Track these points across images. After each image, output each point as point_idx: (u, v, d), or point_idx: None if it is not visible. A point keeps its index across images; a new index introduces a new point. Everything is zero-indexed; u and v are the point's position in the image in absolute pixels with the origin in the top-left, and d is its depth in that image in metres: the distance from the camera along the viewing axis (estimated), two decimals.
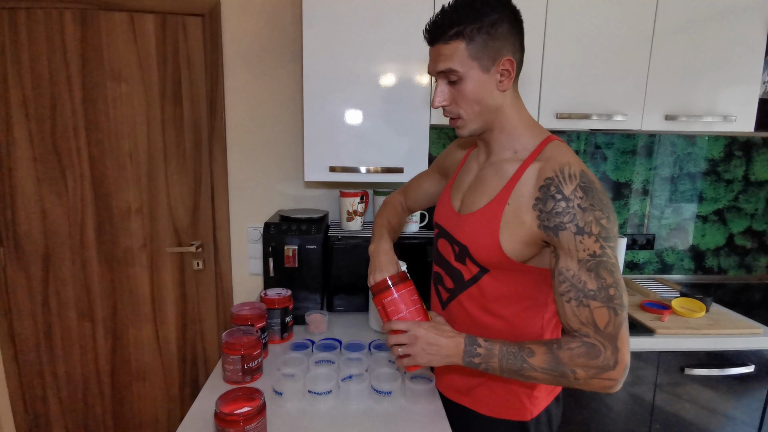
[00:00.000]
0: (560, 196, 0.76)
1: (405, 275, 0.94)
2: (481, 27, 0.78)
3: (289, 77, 1.72)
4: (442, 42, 0.81)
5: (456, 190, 0.98)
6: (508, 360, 0.78)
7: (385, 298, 0.91)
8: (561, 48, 1.46)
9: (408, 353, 0.85)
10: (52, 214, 1.73)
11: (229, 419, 0.84)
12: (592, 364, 0.74)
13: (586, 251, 0.74)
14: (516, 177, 0.83)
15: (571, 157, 0.80)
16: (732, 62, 1.51)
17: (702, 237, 1.98)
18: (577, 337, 0.76)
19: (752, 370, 1.46)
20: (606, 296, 0.74)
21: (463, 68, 0.80)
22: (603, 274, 0.74)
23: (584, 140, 1.87)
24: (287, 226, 1.45)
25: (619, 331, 0.74)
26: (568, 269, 0.76)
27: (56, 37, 1.62)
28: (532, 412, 0.94)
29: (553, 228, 0.77)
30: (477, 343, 0.81)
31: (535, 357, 0.77)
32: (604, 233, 0.74)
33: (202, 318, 1.86)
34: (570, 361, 0.75)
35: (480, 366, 0.81)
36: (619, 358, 0.74)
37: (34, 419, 1.87)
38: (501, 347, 0.79)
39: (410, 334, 0.84)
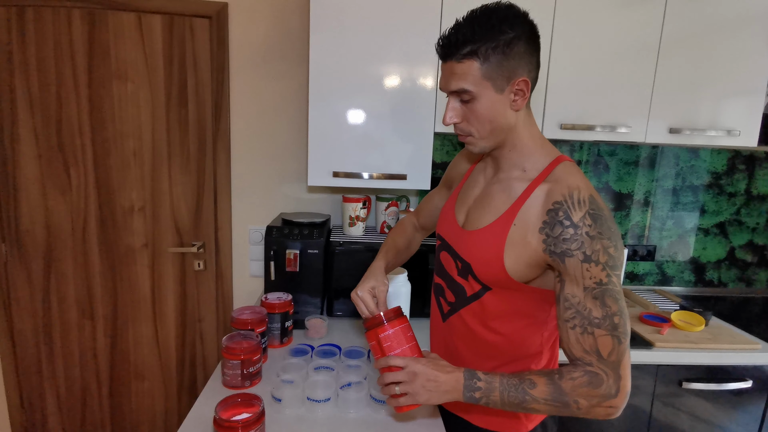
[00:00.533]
0: (569, 222, 0.75)
1: (399, 311, 0.91)
2: (496, 46, 0.76)
3: (295, 81, 1.72)
4: (454, 60, 0.78)
5: (461, 203, 0.96)
6: (510, 393, 0.77)
7: (381, 332, 0.87)
8: (567, 59, 1.46)
9: (406, 391, 0.81)
10: (55, 211, 1.73)
11: (228, 425, 0.84)
12: (595, 393, 0.74)
13: (592, 279, 0.74)
14: (524, 197, 0.82)
15: (581, 181, 0.78)
16: (737, 76, 1.51)
17: (703, 249, 1.98)
18: (580, 366, 0.76)
19: (750, 386, 1.46)
20: (611, 324, 0.73)
21: (476, 88, 0.78)
22: (608, 303, 0.73)
23: (587, 150, 1.87)
24: (289, 230, 1.46)
25: (622, 359, 0.74)
26: (574, 296, 0.75)
27: (63, 36, 1.62)
28: (527, 426, 0.94)
29: (560, 254, 0.76)
30: (477, 377, 0.79)
31: (537, 388, 0.76)
32: (611, 262, 0.74)
33: (202, 318, 1.86)
34: (572, 391, 0.74)
35: (481, 401, 0.78)
36: (621, 386, 0.74)
37: (30, 415, 1.87)
38: (501, 380, 0.78)
39: (408, 370, 0.81)
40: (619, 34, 1.46)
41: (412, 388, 0.80)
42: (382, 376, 0.84)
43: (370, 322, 0.89)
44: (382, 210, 1.68)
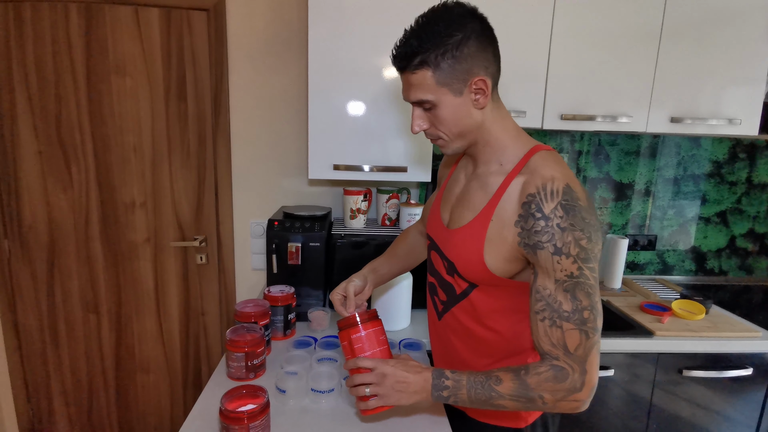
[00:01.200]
0: (540, 214, 0.74)
1: (375, 314, 0.91)
2: (445, 52, 0.75)
3: (294, 73, 1.72)
4: (408, 71, 0.78)
5: (445, 202, 0.96)
6: (477, 390, 0.77)
7: (353, 334, 0.87)
8: (567, 49, 1.46)
9: (376, 393, 0.80)
10: (57, 207, 1.74)
11: (234, 416, 0.85)
12: (559, 387, 0.74)
13: (563, 272, 0.73)
14: (500, 192, 0.81)
15: (556, 171, 0.77)
16: (737, 65, 1.51)
17: (704, 238, 1.98)
18: (547, 360, 0.76)
19: (750, 373, 1.47)
20: (580, 319, 0.73)
21: (435, 96, 0.78)
22: (579, 296, 0.73)
23: (588, 140, 1.87)
24: (291, 224, 1.46)
25: (589, 354, 0.74)
26: (545, 288, 0.75)
27: (61, 31, 1.61)
28: (527, 419, 0.94)
29: (532, 246, 0.75)
30: (444, 376, 0.79)
31: (503, 384, 0.76)
32: (583, 254, 0.73)
33: (205, 312, 1.87)
34: (537, 386, 0.74)
35: (449, 399, 0.79)
36: (586, 380, 0.74)
37: (37, 409, 1.90)
38: (469, 378, 0.78)
39: (377, 372, 0.81)
40: (620, 24, 1.45)
41: (381, 389, 0.80)
42: (351, 378, 0.84)
43: (343, 322, 0.89)
44: (383, 202, 1.68)
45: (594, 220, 0.75)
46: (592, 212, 0.75)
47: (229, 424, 0.86)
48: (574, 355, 0.74)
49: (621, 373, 1.46)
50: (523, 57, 1.45)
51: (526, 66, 1.46)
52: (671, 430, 1.51)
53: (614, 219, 1.95)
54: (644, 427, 1.51)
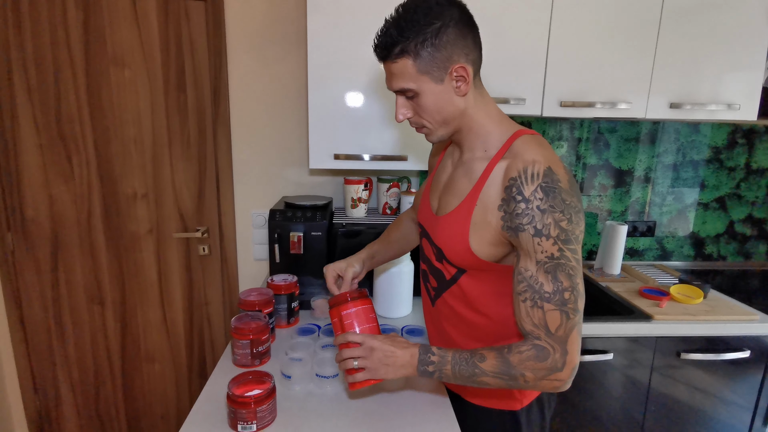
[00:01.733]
0: (521, 197, 0.75)
1: (365, 293, 0.94)
2: (425, 40, 0.76)
3: (294, 63, 1.71)
4: (389, 61, 0.79)
5: (434, 190, 0.98)
6: (461, 366, 0.79)
7: (343, 310, 0.90)
8: (567, 35, 1.45)
9: (364, 366, 0.83)
10: (59, 199, 1.74)
11: (241, 401, 0.87)
12: (541, 366, 0.75)
13: (544, 253, 0.74)
14: (484, 177, 0.83)
15: (538, 154, 0.77)
16: (737, 50, 1.50)
17: (703, 224, 1.99)
18: (529, 340, 0.77)
19: (748, 355, 1.49)
20: (560, 299, 0.74)
21: (416, 84, 0.79)
22: (560, 277, 0.74)
23: (587, 127, 1.87)
24: (292, 213, 1.47)
25: (570, 334, 0.75)
26: (527, 270, 0.76)
27: (59, 22, 1.61)
28: (522, 401, 0.96)
29: (514, 229, 0.77)
30: (431, 352, 0.81)
31: (486, 362, 0.77)
32: (563, 236, 0.74)
33: (209, 302, 1.89)
34: (519, 363, 0.76)
35: (434, 374, 0.81)
36: (567, 360, 0.75)
37: (44, 400, 1.92)
38: (454, 354, 0.80)
39: (365, 345, 0.83)
40: (620, 10, 1.45)
41: (369, 363, 0.83)
42: (339, 352, 0.86)
43: (334, 299, 0.92)
44: (384, 191, 1.69)
45: (575, 201, 0.75)
46: (573, 194, 0.76)
47: (237, 409, 0.88)
48: (555, 335, 0.75)
49: (620, 358, 1.48)
50: (523, 44, 1.45)
51: (526, 53, 1.46)
52: (669, 413, 1.54)
53: (614, 206, 1.96)
54: (643, 411, 1.53)
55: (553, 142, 1.88)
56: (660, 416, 1.54)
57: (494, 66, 1.46)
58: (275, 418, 0.93)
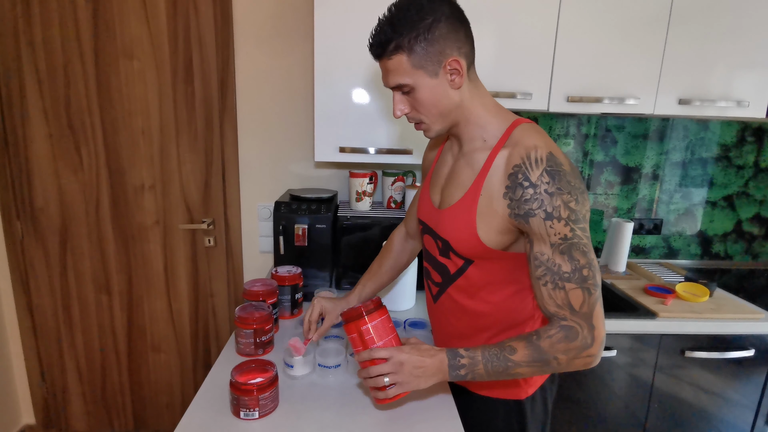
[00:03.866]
0: (527, 183, 0.77)
1: (379, 302, 0.91)
2: (417, 35, 0.78)
3: (300, 56, 1.72)
4: (385, 58, 0.81)
5: (434, 185, 0.98)
6: (493, 363, 0.79)
7: (362, 325, 0.87)
8: (575, 30, 1.44)
9: (395, 381, 0.82)
10: (68, 189, 1.77)
11: (244, 388, 0.88)
12: (572, 346, 0.77)
13: (557, 235, 0.76)
14: (487, 166, 0.84)
15: (538, 140, 0.79)
16: (747, 47, 1.49)
17: (710, 222, 1.98)
18: (555, 322, 0.78)
19: (752, 354, 1.48)
20: (580, 277, 0.76)
21: (411, 79, 0.81)
22: (576, 256, 0.76)
23: (595, 123, 1.86)
24: (297, 206, 1.48)
25: (594, 309, 0.77)
26: (543, 253, 0.78)
27: (68, 14, 1.62)
28: (527, 391, 0.97)
29: (524, 215, 0.78)
30: (459, 355, 0.81)
31: (518, 353, 0.78)
32: (573, 216, 0.76)
33: (214, 293, 1.91)
34: (551, 348, 0.77)
35: (467, 377, 0.81)
36: (596, 335, 0.77)
37: (51, 388, 1.95)
38: (483, 353, 0.80)
39: (394, 361, 0.82)
40: (629, 5, 1.44)
41: (400, 377, 0.82)
42: (366, 370, 0.84)
43: (348, 314, 0.89)
44: (389, 185, 1.69)
45: (579, 183, 0.78)
46: (576, 176, 0.78)
47: (240, 396, 0.89)
48: (580, 312, 0.76)
49: (623, 355, 1.47)
50: (530, 38, 1.44)
51: (533, 47, 1.45)
52: (672, 410, 1.53)
53: (620, 203, 1.95)
54: (646, 408, 1.53)
55: (560, 138, 1.87)
56: (663, 414, 1.53)
57: (501, 60, 1.45)
58: (277, 406, 0.94)
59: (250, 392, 0.89)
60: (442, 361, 0.81)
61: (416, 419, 0.93)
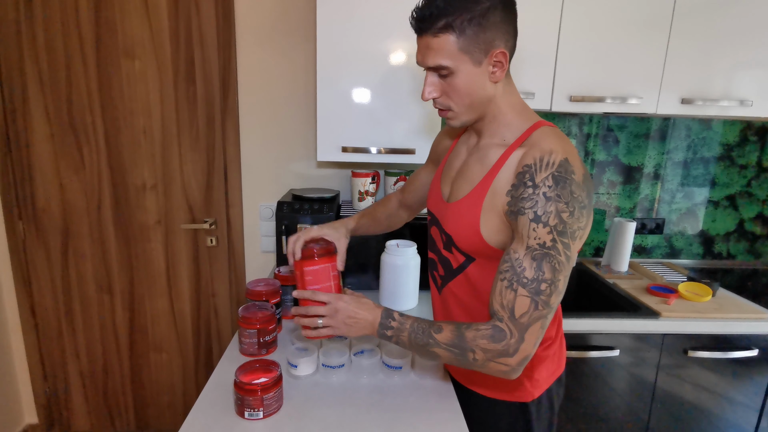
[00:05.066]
0: (531, 182, 0.74)
1: (333, 250, 0.95)
2: (472, 18, 0.73)
3: (302, 56, 1.71)
4: (430, 34, 0.76)
5: (445, 176, 0.97)
6: (417, 335, 0.80)
7: (307, 266, 0.92)
8: (577, 29, 1.44)
9: (328, 324, 0.85)
10: (69, 189, 1.76)
11: (248, 388, 0.88)
12: (492, 347, 0.75)
13: (536, 240, 0.73)
14: (499, 164, 0.82)
15: (556, 144, 0.76)
16: (750, 46, 1.48)
17: (712, 222, 1.98)
18: (492, 320, 0.77)
19: (756, 354, 1.48)
20: (536, 288, 0.73)
21: (454, 63, 0.77)
22: (544, 267, 0.73)
23: (597, 123, 1.86)
24: (300, 205, 1.48)
25: (533, 325, 0.74)
26: (516, 251, 0.75)
27: (70, 14, 1.62)
28: (533, 393, 0.96)
29: (516, 212, 0.76)
30: (392, 317, 0.83)
31: (442, 333, 0.78)
32: (561, 227, 0.72)
33: (216, 293, 1.91)
34: (472, 340, 0.76)
35: (392, 339, 0.82)
36: (521, 348, 0.74)
37: (53, 388, 1.95)
38: (413, 323, 0.81)
39: (331, 306, 0.85)
40: (632, 4, 1.43)
41: (333, 322, 0.85)
42: (305, 308, 0.86)
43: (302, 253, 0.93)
44: (391, 185, 1.69)
45: (584, 196, 0.74)
46: (584, 189, 0.74)
47: (244, 396, 0.88)
48: (517, 320, 0.74)
49: (626, 354, 1.47)
50: (533, 37, 1.44)
51: (536, 46, 1.45)
52: (675, 410, 1.53)
53: (622, 202, 1.94)
54: (648, 408, 1.53)
55: None
56: (665, 414, 1.53)
57: None
58: (281, 407, 0.94)
59: (255, 392, 0.88)
60: (375, 318, 0.84)
61: (420, 420, 0.93)
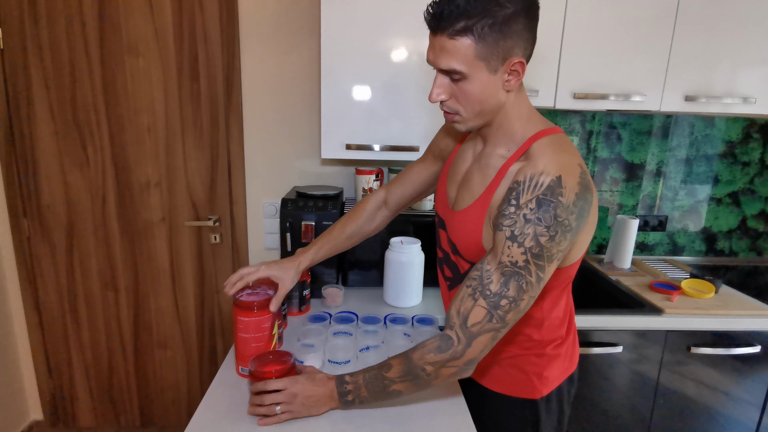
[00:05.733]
0: (515, 202, 0.73)
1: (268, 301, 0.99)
2: (494, 23, 0.68)
3: (306, 53, 1.71)
4: (446, 35, 0.70)
5: (451, 180, 0.95)
6: (373, 384, 0.79)
7: (240, 315, 0.98)
8: (582, 26, 1.44)
9: (287, 410, 0.84)
10: (74, 187, 1.77)
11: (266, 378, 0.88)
12: (440, 358, 0.75)
13: (509, 257, 0.72)
14: (498, 178, 0.81)
15: (551, 162, 0.73)
16: (754, 43, 1.48)
17: (715, 219, 1.98)
18: (443, 330, 0.77)
19: (758, 351, 1.49)
20: (495, 303, 0.72)
21: (468, 69, 0.72)
22: (510, 285, 0.72)
23: (599, 120, 1.86)
24: (304, 203, 1.48)
25: (482, 335, 0.74)
26: (488, 263, 0.75)
27: (74, 11, 1.62)
28: (542, 391, 0.96)
29: (497, 227, 0.75)
30: (345, 381, 0.82)
31: (392, 370, 0.77)
32: (537, 250, 0.71)
33: (220, 290, 1.91)
34: (420, 359, 0.76)
35: (354, 402, 0.82)
36: (467, 352, 0.75)
37: (58, 385, 1.96)
38: (365, 375, 0.80)
39: (288, 392, 0.84)
40: (636, 0, 1.43)
41: (293, 407, 0.84)
42: (260, 397, 0.85)
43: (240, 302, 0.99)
44: None
45: (570, 219, 0.71)
46: (573, 211, 0.71)
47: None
48: (468, 328, 0.74)
49: (629, 351, 1.48)
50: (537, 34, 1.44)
51: (539, 43, 1.43)
52: (677, 407, 1.54)
53: (624, 199, 1.95)
54: (651, 404, 1.53)
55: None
56: (668, 410, 1.54)
57: None
58: None
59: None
60: (332, 390, 0.84)
61: (427, 416, 0.93)
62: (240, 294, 1.02)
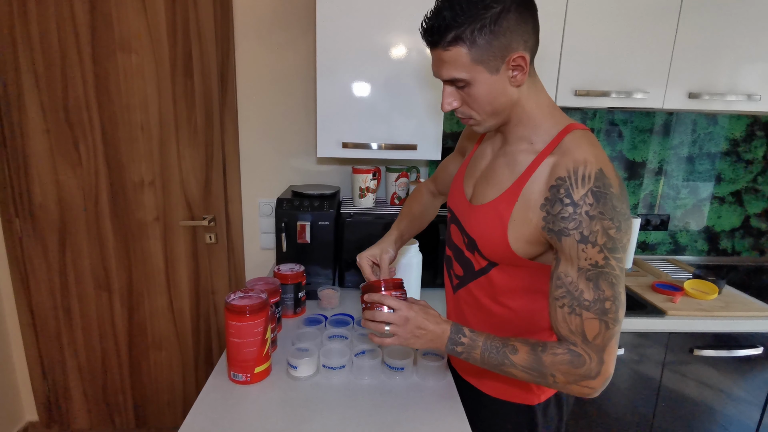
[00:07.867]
0: (569, 200, 0.71)
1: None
2: (483, 26, 0.69)
3: (302, 50, 1.68)
4: (440, 48, 0.73)
5: (469, 176, 0.94)
6: (491, 354, 0.77)
7: (232, 319, 0.96)
8: (583, 22, 1.41)
9: (395, 333, 0.82)
10: (66, 186, 1.74)
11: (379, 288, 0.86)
12: (574, 371, 0.73)
13: (588, 260, 0.70)
14: (529, 171, 0.78)
15: (590, 153, 0.72)
16: (758, 40, 1.45)
17: (718, 218, 1.95)
18: (564, 343, 0.75)
19: (761, 353, 1.46)
20: (601, 309, 0.71)
21: (469, 74, 0.73)
22: (602, 286, 0.71)
23: (601, 118, 1.83)
24: (300, 202, 1.45)
25: (608, 344, 0.73)
26: (567, 275, 0.73)
27: (65, 7, 1.59)
28: (540, 397, 0.95)
29: (557, 232, 0.73)
30: (462, 333, 0.80)
31: (518, 355, 0.76)
32: (611, 244, 0.70)
33: (215, 290, 1.89)
34: (551, 365, 0.74)
35: (462, 355, 0.80)
36: (602, 370, 0.73)
37: (52, 386, 1.94)
38: (486, 340, 0.79)
39: (401, 314, 0.82)
40: None
41: (401, 331, 0.82)
42: (372, 312, 0.83)
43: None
44: (392, 181, 1.66)
45: (624, 208, 0.71)
46: (623, 200, 0.71)
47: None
48: (592, 343, 0.73)
49: (631, 353, 1.45)
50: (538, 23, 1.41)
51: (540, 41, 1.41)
52: (680, 408, 1.52)
53: None
54: (653, 406, 1.51)
55: None
56: (670, 412, 1.52)
57: None
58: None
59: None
60: (444, 331, 0.81)
61: (423, 422, 0.91)
62: (231, 297, 1.00)
